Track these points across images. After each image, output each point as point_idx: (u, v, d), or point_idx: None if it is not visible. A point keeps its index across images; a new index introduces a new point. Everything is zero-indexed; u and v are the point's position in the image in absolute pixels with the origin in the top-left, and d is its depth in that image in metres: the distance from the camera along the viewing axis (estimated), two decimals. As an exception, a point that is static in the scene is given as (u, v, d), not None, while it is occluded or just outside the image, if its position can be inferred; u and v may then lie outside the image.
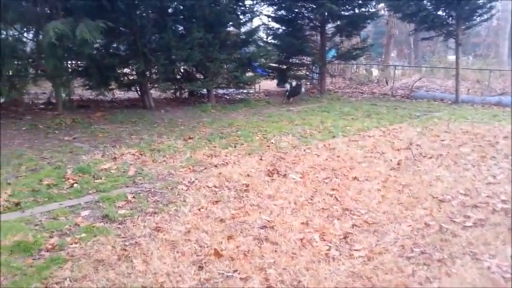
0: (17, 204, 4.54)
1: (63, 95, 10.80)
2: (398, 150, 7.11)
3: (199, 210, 4.48)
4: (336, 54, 17.90)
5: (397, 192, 5.06)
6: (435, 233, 3.94)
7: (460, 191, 5.08)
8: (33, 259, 3.43)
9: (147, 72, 11.98)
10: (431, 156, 6.71)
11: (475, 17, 14.14)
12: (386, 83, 18.83)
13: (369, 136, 8.37)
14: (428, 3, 14.57)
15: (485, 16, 14.31)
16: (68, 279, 3.13)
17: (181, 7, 12.11)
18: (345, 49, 17.62)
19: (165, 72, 11.95)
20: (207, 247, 3.64)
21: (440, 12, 14.46)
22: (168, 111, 11.37)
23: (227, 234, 3.89)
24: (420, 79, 17.86)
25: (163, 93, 13.76)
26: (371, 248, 3.64)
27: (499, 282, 3.09)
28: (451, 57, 19.74)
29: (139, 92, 12.44)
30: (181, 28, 12.75)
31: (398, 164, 6.23)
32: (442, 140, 7.92)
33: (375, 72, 21.92)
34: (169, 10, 12.23)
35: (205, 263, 3.38)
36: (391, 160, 6.43)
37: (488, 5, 13.75)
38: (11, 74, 10.29)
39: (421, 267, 3.33)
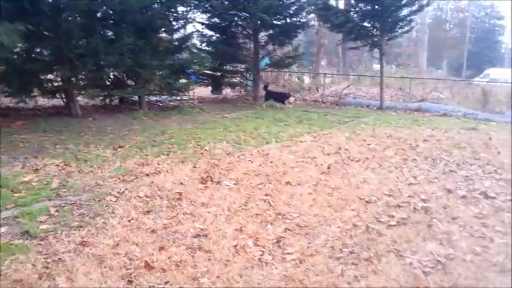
0: None
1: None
2: (328, 154, 7.38)
3: (129, 221, 4.31)
4: (269, 62, 18.24)
5: (327, 195, 5.24)
6: (362, 233, 4.12)
7: (384, 192, 5.37)
8: None
9: (74, 79, 11.35)
10: (358, 159, 7.03)
11: (396, 29, 15.15)
12: (317, 90, 19.52)
13: (301, 141, 8.60)
14: (355, 15, 15.39)
15: (406, 28, 15.39)
16: (-21, 303, 2.85)
17: (111, 12, 11.69)
18: (278, 57, 18.02)
19: (93, 78, 11.41)
20: (137, 260, 3.50)
21: (366, 24, 15.33)
22: (97, 119, 10.86)
23: (159, 245, 3.78)
24: (348, 86, 18.74)
25: (92, 101, 13.13)
26: (303, 251, 3.72)
27: (420, 276, 3.29)
28: (376, 66, 20.95)
29: (64, 99, 11.76)
30: (110, 33, 12.28)
31: (329, 168, 6.46)
32: (368, 144, 8.34)
33: (307, 80, 22.66)
34: (98, 14, 11.74)
35: (135, 276, 3.25)
36: (321, 164, 6.65)
37: (408, 18, 14.80)
38: None
39: (350, 266, 3.46)
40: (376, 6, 14.41)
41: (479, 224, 4.36)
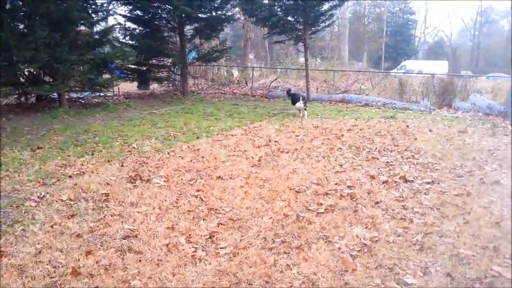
0: None
1: None
2: (259, 147, 7.48)
3: (51, 227, 4.05)
4: (196, 56, 18.02)
5: (259, 187, 5.32)
6: (293, 222, 4.24)
7: (313, 181, 5.57)
8: None
9: (-19, 75, 10.38)
10: (288, 151, 7.22)
11: (319, 23, 15.69)
12: (246, 83, 19.67)
13: (232, 135, 8.63)
14: (279, 9, 15.67)
15: (328, 22, 16.01)
16: None
17: (21, 3, 10.80)
18: (205, 51, 17.86)
19: (5, 75, 10.49)
20: (62, 267, 3.31)
21: (289, 18, 15.67)
22: (11, 119, 10.02)
23: (85, 249, 3.60)
24: (276, 79, 19.10)
25: (5, 99, 12.10)
26: (236, 244, 3.75)
27: (348, 260, 3.46)
28: (302, 59, 21.55)
29: (-28, 99, 10.72)
30: (22, 26, 11.36)
31: (259, 160, 6.55)
32: (297, 136, 8.59)
33: (236, 73, 22.72)
34: (7, 6, 10.79)
35: (60, 284, 3.08)
36: (252, 157, 6.73)
37: (329, 13, 15.40)
38: None
39: (282, 256, 3.55)
40: (299, 1, 14.80)
41: (400, 206, 4.68)
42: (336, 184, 5.45)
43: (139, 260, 3.43)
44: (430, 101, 14.54)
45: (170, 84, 18.23)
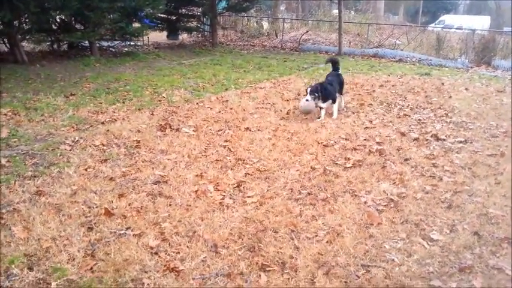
0: None
1: None
2: (287, 100, 7.41)
3: (85, 170, 4.21)
4: (226, 6, 17.61)
5: (287, 140, 5.32)
6: (320, 175, 4.25)
7: (341, 136, 5.51)
8: None
9: (16, 22, 10.49)
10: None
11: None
12: (276, 36, 19.21)
13: (261, 88, 8.56)
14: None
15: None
16: None
17: None
18: (235, 1, 17.40)
19: (37, 22, 10.57)
20: (96, 207, 3.47)
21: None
22: (45, 65, 10.22)
23: (118, 192, 3.74)
24: (307, 32, 18.55)
25: (38, 46, 12.27)
26: (262, 194, 3.81)
27: (374, 214, 3.47)
28: (335, 12, 20.73)
29: (7, 45, 10.92)
30: (53, -28, 11.28)
31: (288, 113, 6.51)
32: (327, 90, 8.41)
33: (266, 25, 22.15)
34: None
35: (95, 223, 3.23)
36: (281, 110, 6.69)
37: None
38: None
39: (308, 207, 3.59)
40: None
41: (429, 164, 4.60)
42: (364, 140, 5.38)
43: (170, 204, 3.55)
44: (468, 58, 13.89)
45: (199, 35, 18.01)
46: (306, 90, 6.34)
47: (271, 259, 2.85)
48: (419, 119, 6.42)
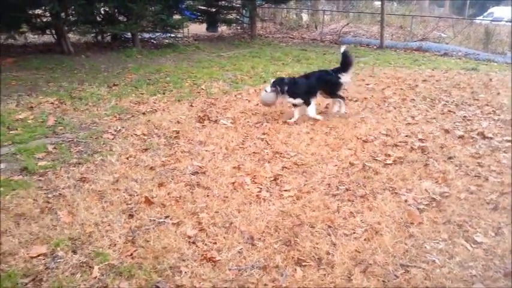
0: None
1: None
2: (326, 94, 7.29)
3: (127, 158, 4.32)
4: (266, -3, 17.55)
5: (325, 134, 5.25)
6: (359, 171, 4.17)
7: (382, 131, 5.38)
8: None
9: (63, 14, 10.89)
10: (356, 99, 6.98)
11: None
12: (316, 28, 18.97)
13: (299, 81, 8.46)
14: None
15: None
16: (-16, 236, 2.92)
17: None
18: (275, -8, 17.31)
19: (83, 13, 10.93)
20: (137, 195, 3.56)
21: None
22: (89, 56, 10.57)
23: (158, 181, 3.82)
24: (348, 24, 18.21)
25: (83, 37, 12.70)
26: (300, 188, 3.78)
27: (415, 213, 3.37)
28: (377, 3, 20.21)
29: (55, 36, 11.36)
30: (98, -35, 11.60)
31: (326, 107, 6.41)
32: (367, 84, 8.24)
33: (305, 17, 21.91)
34: None
35: (135, 211, 3.32)
36: (319, 104, 6.59)
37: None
38: None
39: (346, 203, 3.54)
40: None
41: (475, 163, 4.41)
42: (406, 136, 5.23)
43: (207, 195, 3.59)
44: (519, 52, 13.17)
45: (238, 27, 18.05)
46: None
47: (307, 254, 2.83)
48: (465, 116, 6.16)
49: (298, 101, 5.75)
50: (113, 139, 4.87)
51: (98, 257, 2.74)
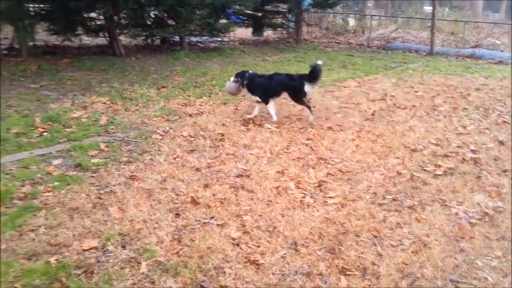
0: (-16, 152, 4.37)
1: (27, 40, 10.15)
2: (373, 101, 7.17)
3: (174, 159, 4.44)
4: (312, 2, 17.44)
5: (371, 142, 5.15)
6: (407, 181, 4.06)
7: (431, 141, 5.21)
8: (6, 207, 3.35)
9: (116, 17, 11.37)
10: (405, 107, 6.80)
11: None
12: (363, 33, 18.66)
13: (345, 87, 8.37)
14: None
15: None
16: (42, 226, 3.09)
17: None
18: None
19: (134, 17, 11.36)
20: (183, 195, 3.64)
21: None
22: (140, 58, 10.95)
23: (203, 182, 3.89)
24: (396, 30, 17.79)
25: (134, 40, 13.19)
26: (344, 196, 3.73)
27: (466, 227, 3.24)
28: (428, 8, 19.63)
29: (108, 38, 11.86)
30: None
31: (373, 114, 6.30)
32: (416, 92, 8.01)
33: (352, 22, 21.61)
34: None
35: (181, 210, 3.40)
36: (365, 111, 6.49)
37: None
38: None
39: (392, 213, 3.45)
40: None
41: (532, 177, 4.18)
42: (457, 147, 5.03)
43: (251, 198, 3.62)
44: None
45: (284, 32, 18.06)
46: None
47: (351, 263, 2.79)
48: (521, 127, 5.85)
49: (256, 98, 5.85)
50: (161, 139, 5.02)
51: (145, 253, 2.83)
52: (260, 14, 16.51)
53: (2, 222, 3.13)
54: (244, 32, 17.60)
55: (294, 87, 5.76)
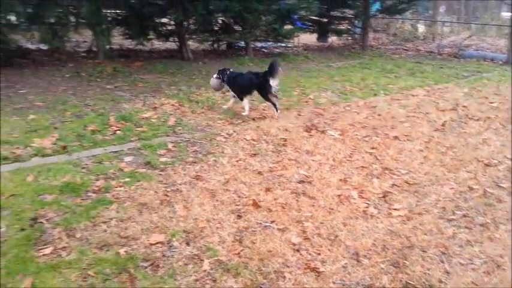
0: (64, 147, 4.73)
1: (104, 44, 10.86)
2: (443, 111, 6.84)
3: (237, 161, 4.52)
4: (380, 8, 17.01)
5: (440, 153, 4.91)
6: (479, 197, 3.83)
7: (507, 155, 4.87)
8: (81, 199, 3.61)
9: (185, 23, 11.84)
10: (478, 118, 6.42)
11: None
12: (433, 40, 17.88)
13: (413, 95, 8.07)
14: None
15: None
16: (114, 219, 3.28)
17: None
18: (390, 2, 16.69)
19: (203, 23, 11.76)
20: (245, 197, 3.70)
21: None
22: (206, 63, 11.30)
23: (265, 186, 3.93)
24: (470, 37, 16.83)
25: (201, 45, 13.64)
26: (411, 208, 3.60)
27: (544, 249, 2.99)
28: (505, 14, 18.39)
29: (177, 43, 12.38)
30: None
31: (443, 125, 6.01)
32: (491, 103, 7.53)
33: (421, 28, 20.78)
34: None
35: (243, 212, 3.45)
36: (435, 121, 6.21)
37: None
38: (52, 21, 10.38)
39: (462, 230, 3.27)
40: None
41: None
42: (537, 163, 4.66)
43: (313, 205, 3.60)
44: None
45: (349, 38, 17.77)
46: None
47: (417, 279, 2.68)
48: None
49: (232, 93, 6.51)
50: (225, 142, 5.14)
51: (208, 252, 2.91)
52: (326, 20, 16.38)
53: (77, 213, 3.37)
54: (308, 38, 17.54)
55: (261, 83, 6.20)
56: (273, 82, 6.12)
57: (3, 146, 4.65)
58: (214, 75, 6.66)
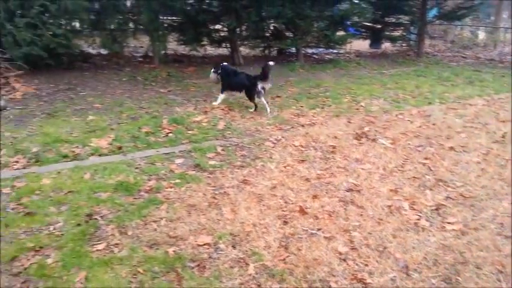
0: (119, 148, 4.96)
1: (160, 49, 11.28)
2: (503, 122, 6.47)
3: (285, 167, 4.52)
4: (437, 14, 16.39)
5: (499, 166, 4.65)
6: (542, 214, 3.58)
7: None
8: (134, 198, 3.76)
9: (238, 29, 12.04)
10: (543, 130, 6.01)
11: None
12: (494, 47, 16.97)
13: (470, 105, 7.69)
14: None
15: None
16: (164, 219, 3.39)
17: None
18: (449, 8, 16.04)
19: (255, 29, 11.91)
20: (292, 203, 3.69)
21: None
22: (257, 68, 11.39)
23: (312, 193, 3.90)
24: (536, 44, 15.82)
25: (252, 51, 13.79)
26: (466, 223, 3.43)
27: None
28: None
29: (229, 49, 12.60)
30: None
31: (503, 136, 5.68)
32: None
33: (482, 35, 19.80)
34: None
35: (289, 218, 3.45)
36: (494, 132, 5.89)
37: None
38: (113, 27, 10.94)
39: (523, 248, 3.07)
40: None
41: None
42: None
43: (361, 214, 3.52)
44: None
45: (404, 44, 17.25)
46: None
47: (471, 297, 2.55)
48: None
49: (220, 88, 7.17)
50: (273, 147, 5.16)
51: (253, 256, 2.93)
52: (380, 26, 16.03)
53: (130, 211, 3.52)
54: (361, 44, 17.23)
55: (249, 86, 6.69)
56: (262, 85, 6.62)
57: (64, 145, 4.96)
58: (212, 70, 7.33)
